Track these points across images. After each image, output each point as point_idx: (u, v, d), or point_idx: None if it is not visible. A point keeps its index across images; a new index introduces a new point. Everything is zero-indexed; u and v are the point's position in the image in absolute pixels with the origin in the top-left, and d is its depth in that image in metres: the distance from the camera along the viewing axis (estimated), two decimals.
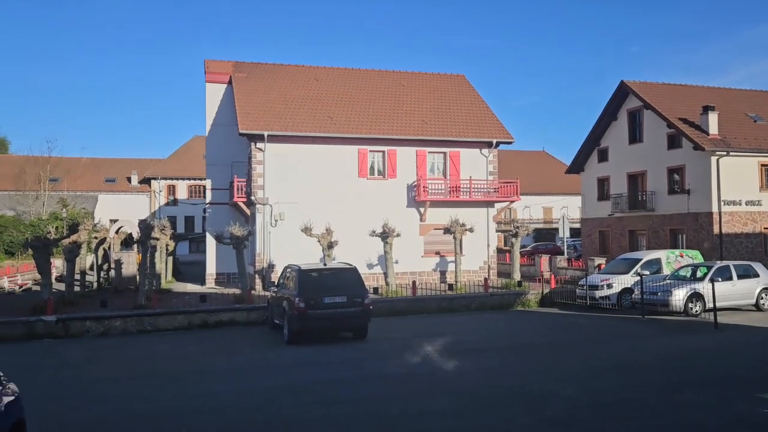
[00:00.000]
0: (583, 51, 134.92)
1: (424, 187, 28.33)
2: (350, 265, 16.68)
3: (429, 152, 29.15)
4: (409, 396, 9.94)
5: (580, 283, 22.75)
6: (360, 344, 15.21)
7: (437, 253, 28.88)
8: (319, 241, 23.93)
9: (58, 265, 32.27)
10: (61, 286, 24.71)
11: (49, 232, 23.43)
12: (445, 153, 29.36)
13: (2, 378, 5.26)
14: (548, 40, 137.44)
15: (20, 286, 30.28)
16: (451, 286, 24.92)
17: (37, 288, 28.52)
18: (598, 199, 34.72)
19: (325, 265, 17.21)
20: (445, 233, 27.02)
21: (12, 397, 5.75)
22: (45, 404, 9.41)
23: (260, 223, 27.01)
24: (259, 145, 26.91)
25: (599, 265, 26.94)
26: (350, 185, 27.84)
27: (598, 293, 21.33)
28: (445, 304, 21.55)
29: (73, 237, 23.99)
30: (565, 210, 49.69)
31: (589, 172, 35.68)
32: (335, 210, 26.91)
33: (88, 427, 8.58)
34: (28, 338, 16.91)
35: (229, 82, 30.44)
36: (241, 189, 27.96)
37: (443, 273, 28.77)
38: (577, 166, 36.33)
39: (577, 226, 44.00)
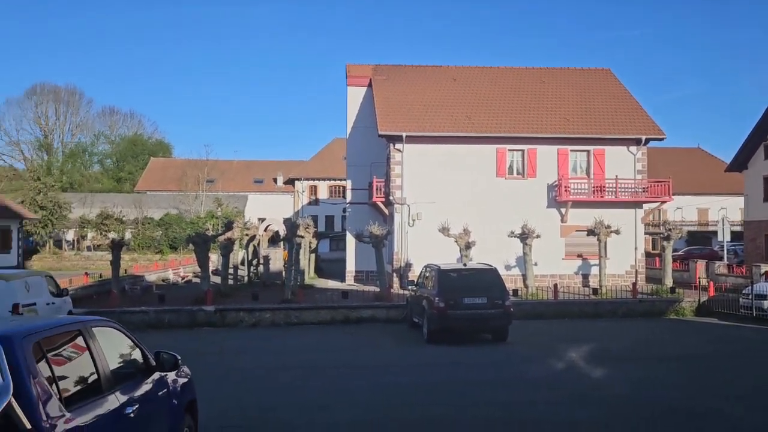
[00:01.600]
0: (745, 36, 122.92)
1: (565, 186, 27.29)
2: (490, 265, 16.44)
3: (571, 150, 28.04)
4: (553, 402, 9.58)
5: (744, 291, 20.72)
6: (500, 347, 14.96)
7: (579, 255, 27.70)
8: (456, 242, 23.87)
9: (213, 259, 35.00)
10: (217, 279, 26.71)
11: (207, 229, 25.45)
12: (588, 151, 28.08)
13: (179, 361, 5.74)
14: (705, 24, 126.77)
15: (182, 278, 33.14)
16: (595, 291, 23.77)
17: (197, 280, 31.09)
18: (765, 199, 31.47)
19: (464, 265, 17.11)
20: (588, 235, 25.84)
21: (186, 379, 6.28)
22: (208, 388, 10.20)
23: (398, 222, 27.46)
24: (398, 146, 27.36)
25: (766, 273, 24.39)
26: (488, 185, 27.48)
27: (767, 303, 19.32)
28: (589, 309, 20.59)
29: (228, 234, 25.86)
30: (724, 211, 45.58)
31: (753, 169, 32.46)
32: (472, 210, 26.68)
33: (252, 413, 9.15)
34: (191, 326, 18.46)
35: (369, 85, 31.24)
36: (380, 189, 28.60)
37: (585, 277, 27.53)
38: (740, 163, 33.20)
39: (738, 229, 40.20)
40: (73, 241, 51.78)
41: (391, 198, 27.53)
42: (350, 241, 31.10)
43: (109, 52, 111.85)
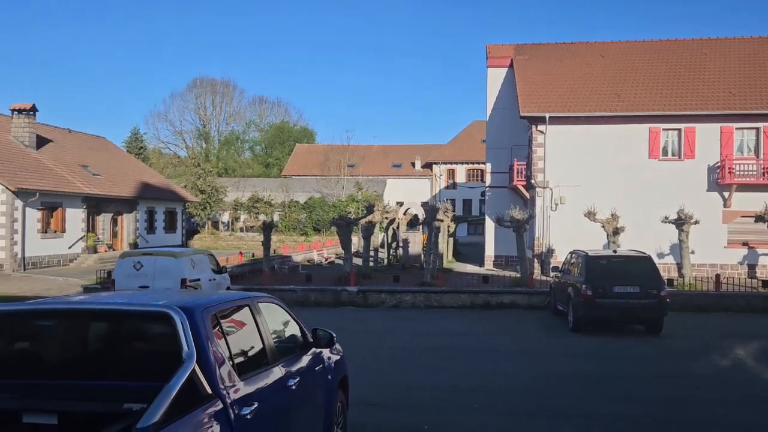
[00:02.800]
0: None
1: (729, 168, 24.89)
2: (644, 253, 15.44)
3: (737, 128, 25.49)
4: (723, 403, 8.77)
5: None
6: (653, 339, 14.03)
7: (744, 243, 25.21)
8: (603, 227, 22.69)
9: (354, 241, 36.16)
10: (358, 261, 27.56)
11: (350, 213, 26.27)
12: (758, 128, 25.37)
13: (334, 338, 5.93)
14: None
15: (326, 259, 34.60)
16: (765, 283, 21.53)
17: (339, 261, 32.31)
18: None
19: (614, 252, 16.22)
20: (756, 221, 23.42)
21: (339, 356, 6.49)
22: (354, 365, 10.53)
23: (540, 206, 26.62)
24: (540, 127, 26.43)
25: None
26: (639, 167, 25.74)
27: None
28: (758, 303, 18.68)
29: (369, 217, 26.54)
30: None
31: None
32: (621, 194, 25.13)
33: (398, 392, 9.33)
34: (336, 305, 19.21)
35: (510, 66, 30.41)
36: (521, 172, 27.87)
37: (752, 267, 25.03)
38: None
39: None
40: (228, 222, 55.86)
41: (532, 181, 26.73)
42: (489, 226, 30.67)
43: (259, 45, 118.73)
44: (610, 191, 25.17)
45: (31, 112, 32.68)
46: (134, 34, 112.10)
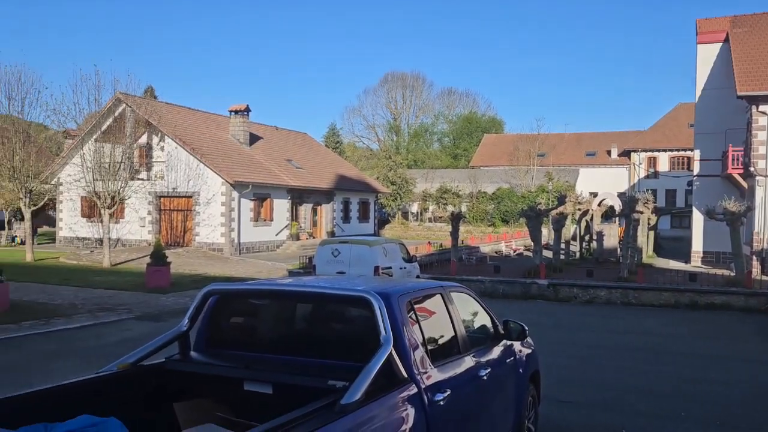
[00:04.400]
0: None
1: None
2: None
3: None
4: None
5: None
6: None
7: None
8: None
9: (544, 233, 35.11)
10: (548, 253, 26.69)
11: (540, 203, 25.54)
12: None
13: (526, 331, 5.80)
14: None
15: (514, 251, 34.04)
16: None
17: (528, 253, 31.61)
18: None
19: None
20: None
21: (530, 350, 6.35)
22: (544, 359, 10.23)
23: (760, 197, 23.59)
24: (762, 107, 23.36)
25: None
26: None
27: None
28: None
29: (560, 208, 25.58)
30: None
31: None
32: None
33: (591, 391, 8.91)
34: (524, 298, 18.81)
35: (725, 40, 27.24)
36: (737, 159, 24.90)
37: None
38: None
39: None
40: (417, 212, 57.41)
41: (751, 169, 23.74)
42: (697, 218, 27.91)
43: (447, 37, 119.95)
44: None
45: (245, 113, 36.42)
46: (329, 29, 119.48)
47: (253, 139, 37.34)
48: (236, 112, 36.37)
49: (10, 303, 14.33)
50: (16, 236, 36.37)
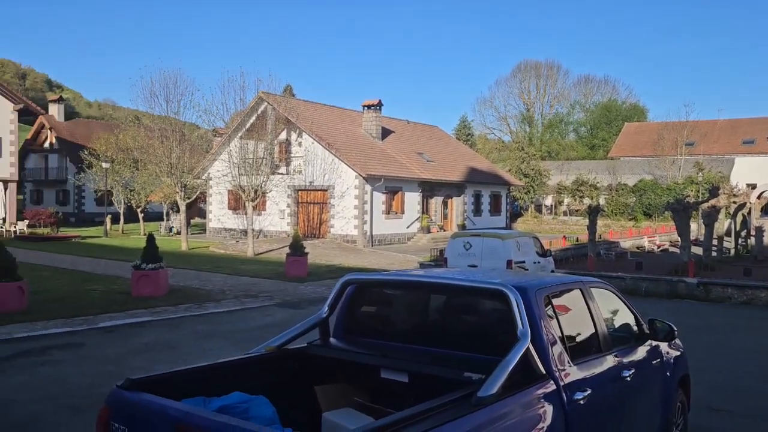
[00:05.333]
0: None
1: None
2: None
3: None
4: None
5: None
6: None
7: None
8: None
9: (693, 228, 32.57)
10: (697, 250, 24.72)
11: (688, 196, 23.72)
12: None
13: (675, 332, 5.42)
14: None
15: (658, 247, 31.93)
16: None
17: (674, 249, 29.53)
18: None
19: None
20: None
21: (679, 352, 5.91)
22: (693, 363, 9.48)
23: None
24: None
25: None
26: None
27: None
28: None
29: (712, 201, 23.62)
30: None
31: None
32: None
33: (747, 400, 8.16)
34: (670, 297, 17.56)
35: None
36: None
37: None
38: None
39: None
40: (551, 206, 55.56)
41: None
42: None
43: (583, 24, 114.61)
44: None
45: (378, 107, 37.20)
46: (461, 22, 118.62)
47: (385, 133, 38.04)
48: (369, 107, 37.24)
49: (169, 287, 15.77)
50: (172, 227, 39.87)
